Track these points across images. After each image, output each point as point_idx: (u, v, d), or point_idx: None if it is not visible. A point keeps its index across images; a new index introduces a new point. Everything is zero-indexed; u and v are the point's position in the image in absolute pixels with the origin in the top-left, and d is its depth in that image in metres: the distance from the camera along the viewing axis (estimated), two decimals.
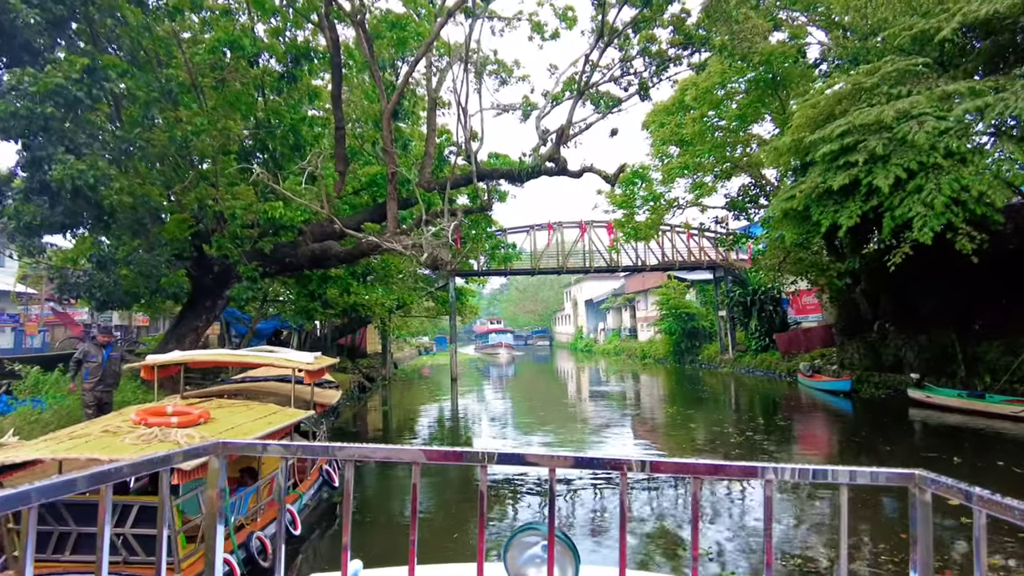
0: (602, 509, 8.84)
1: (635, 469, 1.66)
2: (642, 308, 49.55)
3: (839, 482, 1.60)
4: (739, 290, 32.03)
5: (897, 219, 11.71)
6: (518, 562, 1.90)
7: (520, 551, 1.92)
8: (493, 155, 19.23)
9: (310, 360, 7.97)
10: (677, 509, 8.94)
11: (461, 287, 35.91)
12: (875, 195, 12.06)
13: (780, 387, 25.94)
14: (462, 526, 8.18)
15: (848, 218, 12.46)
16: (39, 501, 1.33)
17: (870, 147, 11.94)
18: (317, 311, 17.00)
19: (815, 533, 7.89)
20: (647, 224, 25.35)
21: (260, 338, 23.51)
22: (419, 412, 21.74)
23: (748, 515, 8.62)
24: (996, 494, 1.33)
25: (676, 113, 24.17)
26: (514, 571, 1.90)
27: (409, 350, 69.25)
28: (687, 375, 33.24)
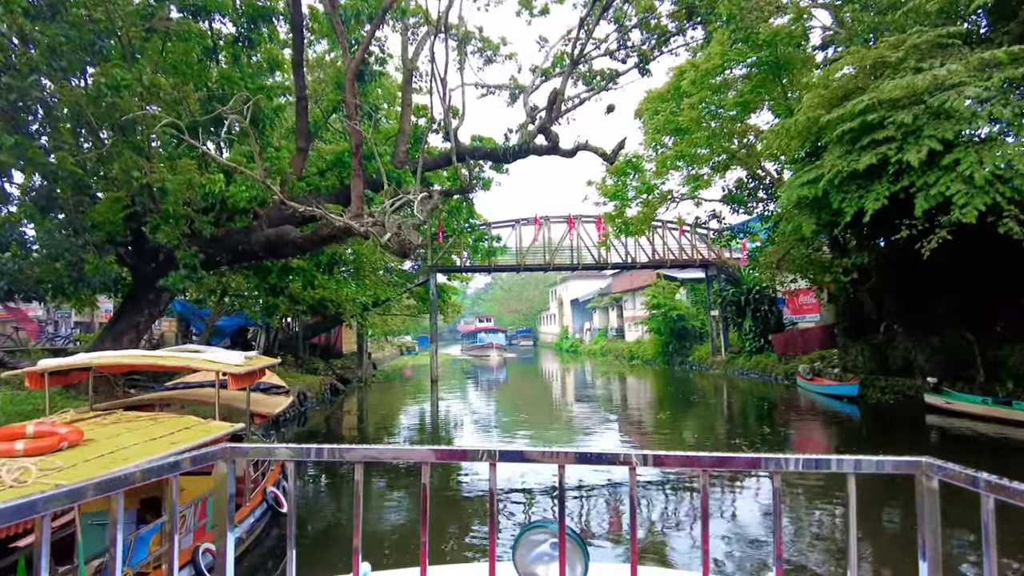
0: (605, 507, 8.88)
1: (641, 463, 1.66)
2: (629, 308, 48.25)
3: (844, 471, 1.58)
4: (732, 289, 30.78)
5: (932, 198, 10.35)
6: (527, 560, 1.86)
7: (529, 549, 1.87)
8: (476, 138, 17.69)
9: (238, 361, 6.38)
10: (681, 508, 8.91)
11: (443, 284, 34.29)
12: (905, 174, 10.71)
13: (777, 391, 24.66)
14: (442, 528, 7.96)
15: (875, 201, 11.09)
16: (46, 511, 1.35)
17: (900, 121, 10.57)
18: (280, 307, 15.32)
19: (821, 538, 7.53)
20: (639, 218, 23.95)
21: (222, 336, 21.75)
22: (395, 418, 20.10)
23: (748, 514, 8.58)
24: (1003, 479, 1.33)
25: (671, 100, 22.76)
26: (524, 569, 1.86)
27: (391, 350, 67.39)
28: (677, 377, 31.91)
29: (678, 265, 32.05)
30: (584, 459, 1.74)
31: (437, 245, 29.97)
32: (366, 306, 23.03)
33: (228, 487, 1.79)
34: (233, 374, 6.11)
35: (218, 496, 1.80)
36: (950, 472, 1.47)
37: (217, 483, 1.79)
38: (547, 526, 1.88)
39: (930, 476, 1.53)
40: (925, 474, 1.54)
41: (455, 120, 12.88)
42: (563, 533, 1.71)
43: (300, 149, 12.62)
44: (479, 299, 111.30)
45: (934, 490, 1.54)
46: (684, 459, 1.68)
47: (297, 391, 19.91)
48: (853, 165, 11.28)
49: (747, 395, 24.64)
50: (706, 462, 1.67)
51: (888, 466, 1.59)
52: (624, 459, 1.68)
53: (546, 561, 1.83)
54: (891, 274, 18.43)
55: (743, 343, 30.63)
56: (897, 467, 1.58)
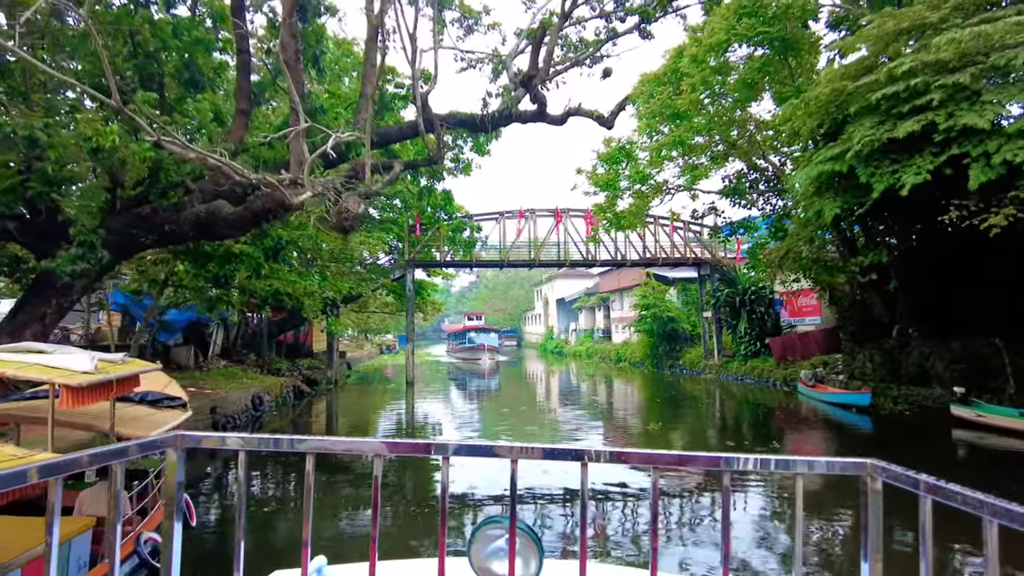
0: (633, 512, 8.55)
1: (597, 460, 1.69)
2: (617, 308, 46.59)
3: (796, 472, 1.63)
4: (727, 289, 29.16)
5: (991, 170, 8.66)
6: (482, 555, 1.86)
7: (484, 544, 1.87)
8: (453, 113, 15.87)
9: (84, 367, 4.46)
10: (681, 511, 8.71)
11: (422, 281, 32.34)
12: (955, 143, 9.03)
13: (775, 397, 23.04)
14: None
15: (915, 175, 9.39)
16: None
17: (950, 83, 8.88)
18: (225, 299, 13.32)
19: None
20: (631, 211, 22.20)
21: (171, 332, 19.66)
22: (362, 426, 18.15)
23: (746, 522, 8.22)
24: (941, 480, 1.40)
25: (668, 84, 21.01)
26: (478, 564, 1.87)
27: (371, 348, 65.28)
28: (668, 382, 30.22)
29: (670, 264, 30.38)
30: (537, 454, 1.73)
31: (415, 238, 28.05)
32: (333, 301, 21.05)
33: (177, 475, 1.77)
34: (69, 385, 4.20)
35: (168, 484, 1.78)
36: (893, 473, 1.54)
37: (167, 471, 1.78)
38: (503, 521, 1.85)
39: (875, 477, 1.58)
40: (870, 475, 1.59)
41: (425, 85, 10.98)
42: (514, 528, 1.73)
43: (241, 112, 10.66)
44: (463, 298, 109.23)
45: (878, 491, 1.59)
46: (643, 456, 1.71)
47: (252, 394, 17.90)
48: (889, 134, 9.59)
49: (744, 402, 22.99)
50: (665, 460, 1.70)
51: (837, 467, 1.65)
52: (577, 455, 1.69)
53: (501, 556, 1.81)
54: (906, 273, 16.85)
55: (738, 346, 29.03)
56: (845, 468, 1.65)
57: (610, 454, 1.71)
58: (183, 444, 1.79)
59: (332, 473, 10.84)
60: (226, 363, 21.97)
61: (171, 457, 1.78)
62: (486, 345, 48.09)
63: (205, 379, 18.43)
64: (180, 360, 19.76)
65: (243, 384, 18.90)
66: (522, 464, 1.74)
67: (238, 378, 19.74)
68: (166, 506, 1.77)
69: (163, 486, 2.32)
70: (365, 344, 66.53)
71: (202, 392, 16.75)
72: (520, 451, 1.70)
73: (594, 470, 9.13)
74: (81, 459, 1.55)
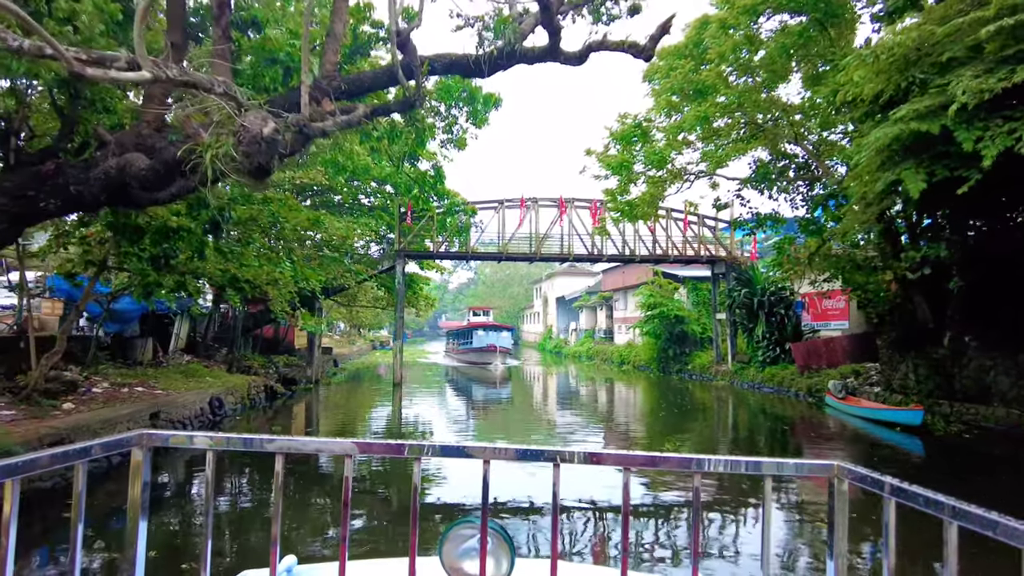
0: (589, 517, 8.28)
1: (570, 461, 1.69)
2: (621, 308, 44.35)
3: (765, 473, 1.66)
4: (743, 290, 26.90)
5: None
6: (453, 555, 1.85)
7: (456, 544, 1.85)
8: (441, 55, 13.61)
9: None
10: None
11: (413, 274, 30.06)
12: None
13: (798, 409, 20.82)
14: None
15: None
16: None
17: None
18: (165, 284, 11.03)
19: None
20: (645, 199, 19.94)
21: (122, 322, 17.38)
22: (339, 434, 15.88)
23: None
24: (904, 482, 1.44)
25: (690, 57, 18.75)
26: (449, 564, 1.85)
27: (363, 344, 63.03)
28: (676, 387, 27.98)
29: (681, 261, 28.12)
30: (510, 455, 1.74)
31: (406, 227, 25.79)
32: (312, 294, 18.79)
33: (143, 474, 1.75)
34: None
35: (133, 484, 1.74)
36: (859, 476, 1.57)
37: (132, 471, 1.75)
38: (474, 521, 1.83)
39: (841, 479, 1.61)
40: (837, 477, 1.62)
41: (405, 23, 8.69)
42: (485, 528, 1.73)
43: (173, 46, 8.31)
44: (461, 294, 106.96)
45: (844, 492, 1.62)
46: (617, 458, 1.72)
47: (210, 396, 15.64)
48: (1005, 81, 7.33)
49: (764, 413, 20.75)
50: (637, 461, 1.72)
51: (805, 469, 1.69)
52: (549, 456, 1.70)
53: (472, 556, 1.81)
54: (966, 272, 14.62)
55: (754, 351, 26.80)
56: (812, 470, 1.68)
57: (583, 455, 1.70)
58: (149, 443, 1.76)
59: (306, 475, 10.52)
60: (191, 359, 19.69)
61: (136, 456, 1.75)
62: (497, 346, 38.36)
63: (158, 377, 16.16)
64: (135, 354, 17.49)
65: (203, 383, 16.62)
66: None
67: (199, 376, 17.47)
68: (131, 506, 1.71)
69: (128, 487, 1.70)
70: (358, 340, 64.29)
71: (151, 392, 14.48)
72: (492, 452, 1.72)
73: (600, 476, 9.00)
74: (41, 459, 1.51)
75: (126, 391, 14.18)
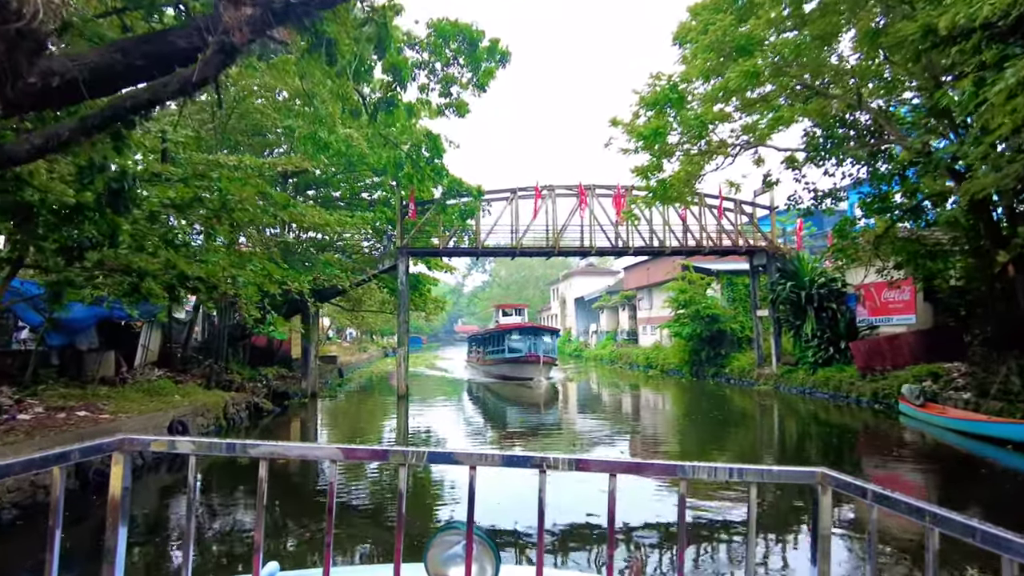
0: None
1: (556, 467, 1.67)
2: (645, 307, 41.42)
3: (749, 480, 1.64)
4: (787, 283, 23.94)
5: None
6: (438, 561, 1.85)
7: (441, 550, 1.85)
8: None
9: None
10: None
11: (420, 274, 27.47)
12: None
13: (862, 418, 17.91)
14: None
15: None
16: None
17: None
18: (73, 284, 8.51)
19: None
20: (680, 178, 17.11)
21: (73, 333, 14.93)
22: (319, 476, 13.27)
23: None
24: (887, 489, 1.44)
25: (728, 11, 15.91)
26: (434, 570, 1.85)
27: (375, 350, 60.68)
28: (713, 394, 25.05)
29: (717, 252, 25.22)
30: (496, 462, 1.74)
31: (409, 222, 23.21)
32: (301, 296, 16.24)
33: (124, 480, 1.73)
34: None
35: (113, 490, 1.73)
36: (843, 483, 1.55)
37: (112, 476, 1.73)
38: (460, 527, 1.82)
39: (825, 487, 1.59)
40: (821, 484, 1.60)
41: None
42: (471, 534, 1.72)
43: None
44: (476, 297, 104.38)
45: (828, 499, 1.60)
46: (601, 464, 1.71)
47: (172, 419, 13.12)
48: None
49: (824, 424, 17.82)
50: (620, 468, 1.72)
51: (789, 476, 1.66)
52: (535, 462, 1.68)
53: (457, 562, 1.81)
54: None
55: (802, 352, 23.80)
56: (797, 477, 1.65)
57: (569, 461, 1.69)
58: (130, 448, 1.75)
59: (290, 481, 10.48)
60: (164, 373, 17.23)
61: (117, 461, 1.72)
62: (540, 356, 29.59)
63: (113, 397, 13.68)
64: (90, 370, 15.05)
65: (167, 403, 14.13)
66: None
67: (165, 394, 14.99)
68: (111, 512, 1.70)
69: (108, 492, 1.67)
70: (370, 346, 61.93)
71: (95, 417, 11.98)
72: (479, 458, 1.72)
73: None
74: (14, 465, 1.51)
75: (63, 416, 11.68)
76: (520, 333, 32.52)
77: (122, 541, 1.70)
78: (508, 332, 33.14)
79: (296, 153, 17.62)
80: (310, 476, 10.97)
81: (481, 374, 36.33)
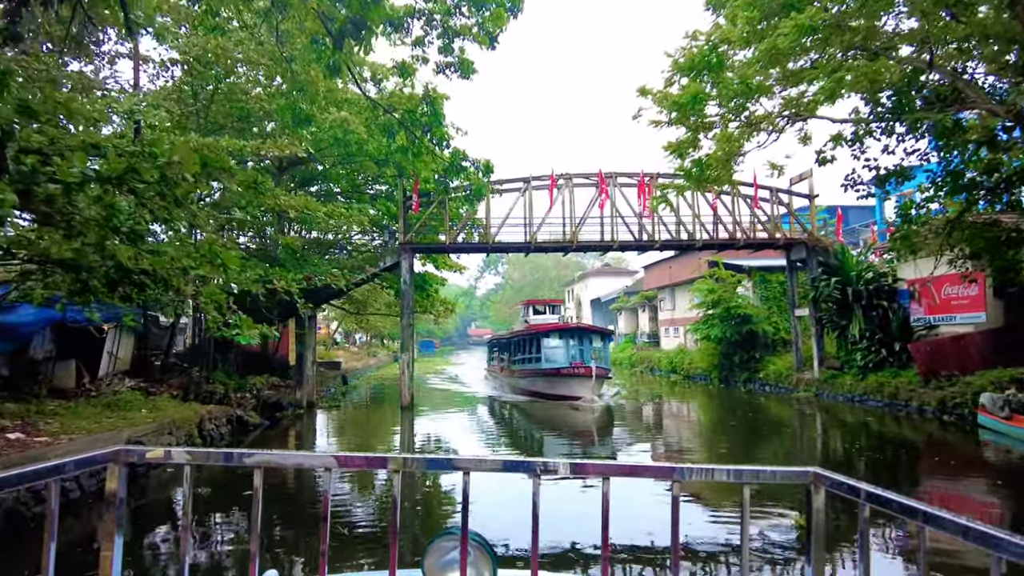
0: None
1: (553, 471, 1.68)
2: (667, 308, 39.09)
3: (743, 482, 1.64)
4: (831, 279, 21.62)
5: None
6: (435, 567, 1.85)
7: (438, 556, 1.86)
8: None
9: None
10: None
11: (426, 273, 25.45)
12: None
13: (928, 431, 15.66)
14: None
15: None
16: None
17: None
18: None
19: None
20: (718, 158, 14.90)
21: (18, 339, 13.03)
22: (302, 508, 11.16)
23: None
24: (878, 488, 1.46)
25: None
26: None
27: (384, 354, 58.74)
28: (745, 402, 22.77)
29: (752, 245, 22.92)
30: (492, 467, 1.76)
31: (413, 216, 21.20)
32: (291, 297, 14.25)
33: (120, 491, 1.73)
34: None
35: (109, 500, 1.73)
36: (835, 482, 1.56)
37: (108, 487, 1.73)
38: (456, 533, 1.82)
39: (818, 486, 1.60)
40: (814, 484, 1.60)
41: None
42: (466, 539, 1.73)
43: None
44: (488, 300, 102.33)
45: (821, 499, 1.61)
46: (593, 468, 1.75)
47: (125, 442, 11.14)
48: None
49: (887, 439, 15.49)
50: (614, 470, 1.75)
51: (783, 476, 1.65)
52: (530, 467, 1.70)
53: (454, 567, 1.80)
54: None
55: (849, 355, 21.45)
56: (790, 477, 1.65)
57: (565, 465, 1.72)
58: (125, 459, 1.74)
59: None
60: (136, 383, 15.31)
61: (112, 473, 1.72)
62: (592, 368, 21.97)
63: (62, 413, 11.75)
64: (43, 381, 13.15)
65: (127, 421, 12.18)
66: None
67: (129, 410, 13.06)
68: (107, 523, 1.71)
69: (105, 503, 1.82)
70: (379, 351, 59.99)
71: (28, 441, 10.05)
72: (475, 463, 1.73)
73: None
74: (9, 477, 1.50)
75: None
76: (560, 336, 24.42)
77: (118, 552, 1.69)
78: (543, 335, 24.56)
79: (285, 137, 15.66)
80: (306, 484, 10.57)
81: (507, 390, 27.74)
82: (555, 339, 24.32)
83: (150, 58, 18.28)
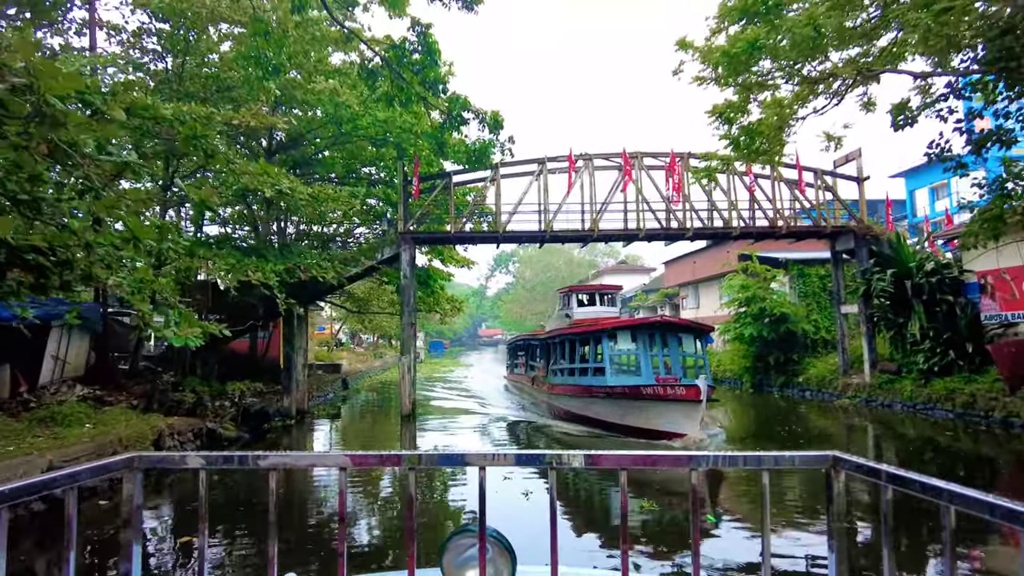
0: None
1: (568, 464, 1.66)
2: (691, 306, 36.61)
3: (763, 467, 1.64)
4: (885, 271, 19.12)
5: None
6: (454, 565, 1.79)
7: (456, 554, 1.79)
8: None
9: None
10: None
11: (430, 268, 23.18)
12: None
13: (1017, 448, 13.10)
14: None
15: None
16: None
17: None
18: None
19: None
20: (770, 124, 12.50)
21: None
22: None
23: None
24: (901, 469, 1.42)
25: None
26: (450, 574, 1.79)
27: (391, 356, 56.59)
28: (784, 410, 20.27)
29: (794, 234, 20.44)
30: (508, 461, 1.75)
31: (414, 203, 18.95)
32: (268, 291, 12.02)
33: (135, 497, 1.72)
34: None
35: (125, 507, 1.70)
36: (856, 465, 1.55)
37: (124, 494, 1.71)
38: (474, 530, 1.77)
39: (838, 470, 1.59)
40: (834, 467, 1.59)
41: None
42: (483, 536, 1.70)
43: None
44: (499, 300, 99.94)
45: (842, 482, 1.60)
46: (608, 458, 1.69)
47: (46, 467, 8.97)
48: None
49: (969, 459, 12.99)
50: (628, 461, 1.69)
51: (802, 461, 1.64)
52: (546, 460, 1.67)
53: (473, 565, 1.74)
54: None
55: (905, 356, 18.94)
56: (809, 462, 1.63)
57: (580, 457, 1.67)
58: (140, 465, 1.73)
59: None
60: (92, 391, 13.14)
61: (128, 480, 1.71)
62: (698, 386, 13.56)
63: None
64: None
65: (57, 441, 9.96)
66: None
67: (68, 425, 10.86)
68: (123, 529, 1.69)
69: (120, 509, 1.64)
70: (386, 352, 57.83)
71: None
72: (490, 459, 1.70)
73: None
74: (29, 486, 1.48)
75: None
76: (635, 336, 16.83)
77: (136, 559, 1.68)
78: (605, 334, 16.70)
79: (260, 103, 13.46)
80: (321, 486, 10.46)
81: (545, 411, 20.36)
82: (626, 340, 16.88)
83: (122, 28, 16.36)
